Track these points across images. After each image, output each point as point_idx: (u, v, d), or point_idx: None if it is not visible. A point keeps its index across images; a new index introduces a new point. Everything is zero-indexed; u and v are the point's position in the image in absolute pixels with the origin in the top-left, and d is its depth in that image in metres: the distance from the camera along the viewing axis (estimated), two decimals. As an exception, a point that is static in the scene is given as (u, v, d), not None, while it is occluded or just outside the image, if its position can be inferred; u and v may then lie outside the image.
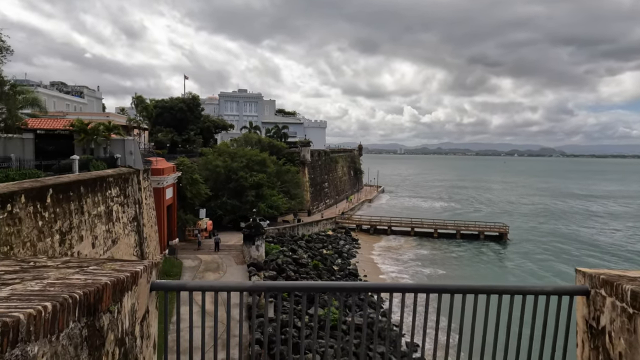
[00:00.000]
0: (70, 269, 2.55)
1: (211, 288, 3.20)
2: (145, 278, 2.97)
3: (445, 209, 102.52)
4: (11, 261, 3.07)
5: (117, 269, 2.71)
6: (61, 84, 79.57)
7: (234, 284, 3.25)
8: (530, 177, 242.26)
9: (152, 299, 3.21)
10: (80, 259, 3.20)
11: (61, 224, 18.35)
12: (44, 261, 3.04)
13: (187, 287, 3.18)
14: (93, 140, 29.61)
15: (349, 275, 43.57)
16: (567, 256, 58.18)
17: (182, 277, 32.84)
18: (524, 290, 3.26)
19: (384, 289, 3.41)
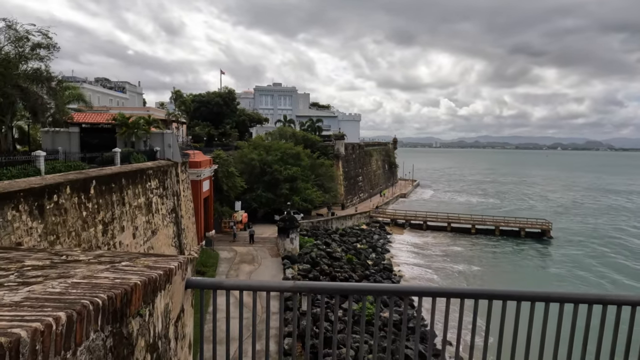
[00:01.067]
0: (100, 265, 2.36)
1: (249, 287, 2.97)
2: (180, 275, 2.76)
3: (483, 204, 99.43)
4: (44, 254, 2.94)
5: (151, 266, 2.50)
6: (105, 80, 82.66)
7: (273, 284, 2.99)
8: (574, 171, 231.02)
9: (187, 297, 3.01)
10: (114, 253, 3.03)
11: (104, 214, 18.92)
12: (76, 255, 2.89)
13: (224, 286, 2.95)
14: (134, 133, 30.44)
15: (384, 270, 43.00)
16: (618, 258, 55.04)
17: (218, 268, 33.42)
18: (605, 299, 2.82)
19: (430, 292, 3.06)
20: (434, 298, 3.05)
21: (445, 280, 43.89)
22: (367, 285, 3.06)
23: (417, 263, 49.97)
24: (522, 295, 2.90)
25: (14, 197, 12.98)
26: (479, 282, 43.60)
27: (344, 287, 3.05)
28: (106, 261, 2.57)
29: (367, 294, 3.01)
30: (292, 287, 2.95)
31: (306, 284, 2.99)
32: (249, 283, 2.97)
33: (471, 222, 67.50)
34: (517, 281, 44.31)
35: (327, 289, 3.02)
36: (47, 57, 25.73)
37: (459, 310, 3.10)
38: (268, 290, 2.96)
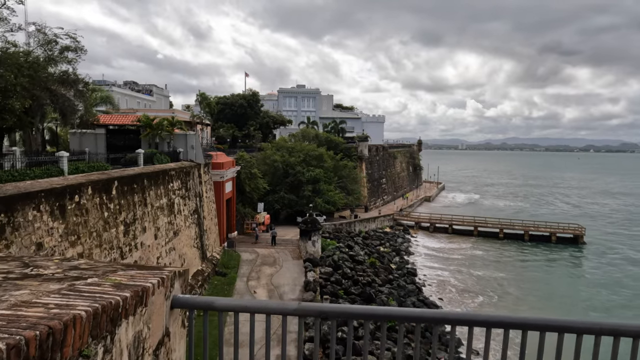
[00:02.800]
0: (57, 284, 1.94)
1: (246, 309, 2.49)
2: (161, 294, 2.30)
3: (512, 208, 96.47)
4: (14, 264, 2.54)
5: (121, 284, 2.06)
6: (133, 83, 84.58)
7: (274, 305, 2.51)
8: (608, 174, 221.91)
9: (174, 318, 2.55)
10: (92, 265, 2.62)
11: (125, 215, 18.95)
12: (44, 264, 2.48)
13: (215, 306, 2.48)
14: (158, 134, 30.70)
15: (407, 275, 42.03)
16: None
17: (239, 269, 33.30)
18: None
19: (476, 321, 2.45)
20: (471, 328, 2.47)
21: (472, 287, 42.53)
22: (386, 310, 2.51)
23: (441, 267, 48.69)
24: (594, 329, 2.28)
25: (35, 197, 13.01)
26: (508, 291, 42.04)
27: (358, 311, 2.53)
28: (71, 277, 2.14)
29: (386, 319, 2.47)
30: (297, 309, 2.46)
31: (313, 307, 2.49)
32: (245, 304, 2.49)
33: (499, 226, 65.43)
34: (549, 290, 42.50)
35: (340, 313, 2.51)
36: (74, 60, 26.22)
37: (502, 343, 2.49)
38: (268, 312, 2.48)
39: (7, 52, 22.95)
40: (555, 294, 40.64)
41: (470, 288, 42.02)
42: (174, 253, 24.93)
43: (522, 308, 37.33)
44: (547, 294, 40.90)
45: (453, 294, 40.03)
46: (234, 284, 30.31)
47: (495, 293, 40.78)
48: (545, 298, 39.56)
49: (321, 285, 31.36)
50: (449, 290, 41.15)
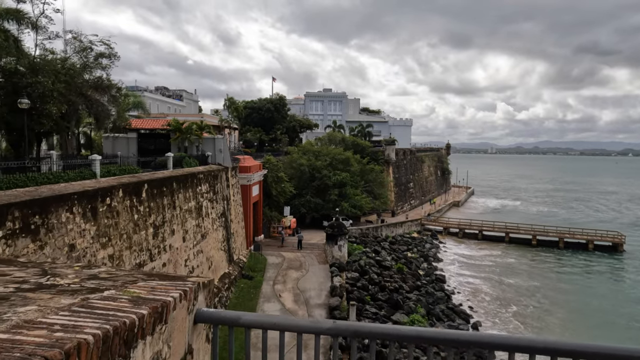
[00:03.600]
0: (70, 297, 1.76)
1: (275, 326, 2.25)
2: (183, 308, 2.10)
3: (545, 214, 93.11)
4: (33, 270, 2.40)
5: (140, 299, 1.86)
6: (164, 88, 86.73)
7: (307, 324, 2.26)
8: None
9: (198, 333, 2.34)
10: (114, 272, 2.45)
11: (155, 217, 19.20)
12: (63, 272, 2.32)
13: (242, 322, 2.26)
14: (187, 138, 31.17)
15: (436, 282, 41.03)
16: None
17: (265, 273, 33.31)
18: None
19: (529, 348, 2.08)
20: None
21: (504, 296, 41.10)
22: (435, 332, 2.20)
23: (472, 275, 47.34)
24: None
25: (69, 199, 13.29)
26: (541, 301, 40.39)
27: (400, 332, 2.24)
28: (87, 289, 1.97)
29: (433, 343, 2.17)
30: (331, 328, 2.20)
31: (351, 326, 2.22)
32: (274, 320, 2.26)
33: (532, 232, 63.20)
34: (586, 303, 40.56)
35: (379, 334, 2.23)
36: (108, 66, 26.99)
37: None
38: (299, 331, 2.23)
39: (45, 59, 23.84)
40: (593, 308, 38.73)
41: (502, 297, 40.62)
42: (202, 256, 25.14)
43: (554, 321, 35.77)
44: (584, 307, 39.05)
45: (484, 303, 38.79)
46: (260, 287, 30.32)
47: (529, 303, 39.26)
48: (582, 312, 37.75)
49: (347, 291, 30.97)
50: (480, 298, 39.90)
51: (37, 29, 23.09)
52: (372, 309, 28.99)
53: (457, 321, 31.76)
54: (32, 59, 22.73)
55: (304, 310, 26.94)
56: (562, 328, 33.90)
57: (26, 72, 21.50)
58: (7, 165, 14.40)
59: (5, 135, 25.57)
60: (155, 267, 18.92)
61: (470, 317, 33.90)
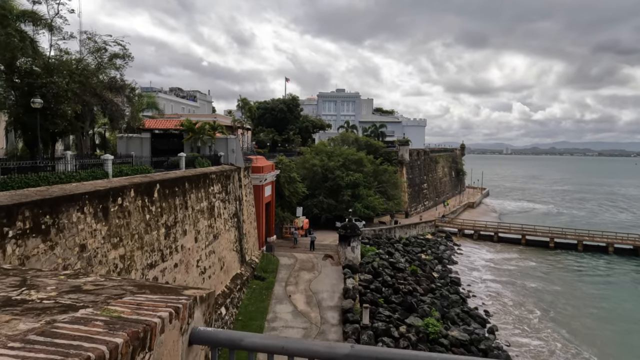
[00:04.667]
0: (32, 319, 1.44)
1: (283, 350, 1.91)
2: (175, 329, 1.78)
3: (563, 216, 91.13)
4: (12, 279, 2.12)
5: (119, 320, 1.54)
6: (178, 89, 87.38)
7: (321, 348, 1.91)
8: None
9: (194, 355, 2.02)
10: (102, 282, 2.14)
11: (167, 218, 19.08)
12: (44, 282, 2.03)
13: (244, 345, 1.93)
14: (199, 138, 31.13)
15: (450, 284, 40.29)
16: None
17: (278, 274, 33.07)
18: None
19: None
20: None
21: (521, 300, 40.14)
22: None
23: (487, 278, 46.41)
24: None
25: (80, 199, 13.19)
26: (561, 307, 39.33)
27: (414, 357, 1.87)
28: (60, 305, 1.66)
29: None
30: (350, 354, 1.86)
31: (372, 352, 1.87)
32: (282, 343, 1.92)
33: (549, 235, 61.80)
34: (609, 309, 39.39)
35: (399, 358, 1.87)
36: (122, 66, 27.05)
37: None
38: (311, 356, 1.89)
39: (60, 60, 23.98)
40: (616, 315, 37.54)
41: (520, 301, 39.69)
42: (214, 256, 24.99)
43: (577, 327, 34.74)
44: (607, 313, 37.88)
45: (501, 307, 37.92)
46: (272, 288, 30.09)
47: (550, 308, 38.25)
48: (605, 319, 36.61)
49: (360, 293, 30.54)
50: (497, 302, 39.03)
51: (52, 29, 23.22)
52: (386, 312, 28.50)
53: (472, 325, 31.05)
54: (47, 60, 22.86)
55: (317, 313, 26.61)
56: (586, 335, 32.89)
57: (41, 73, 21.63)
58: (19, 165, 14.39)
59: (22, 136, 25.83)
60: (167, 267, 18.81)
61: (487, 322, 33.13)
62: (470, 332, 28.88)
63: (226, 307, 24.71)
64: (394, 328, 26.31)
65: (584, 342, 31.43)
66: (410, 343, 25.02)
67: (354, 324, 24.98)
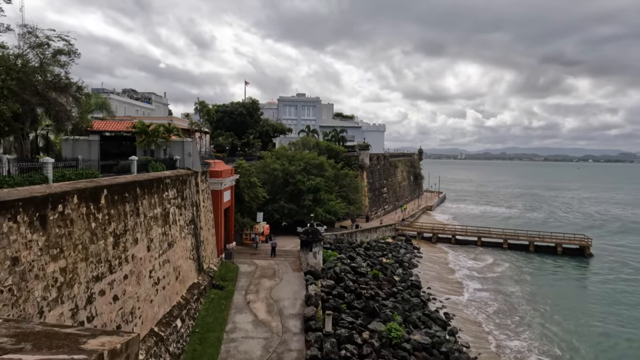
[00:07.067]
0: None
1: None
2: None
3: (515, 218, 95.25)
4: None
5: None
6: (132, 91, 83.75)
7: None
8: (610, 184, 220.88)
9: None
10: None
11: (115, 226, 17.70)
12: None
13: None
14: (153, 141, 29.56)
15: (412, 287, 40.58)
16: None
17: (237, 282, 31.92)
18: None
19: None
20: None
21: (479, 300, 41.09)
22: None
23: (446, 279, 47.28)
24: None
25: (12, 206, 11.79)
26: (517, 305, 40.59)
27: None
28: None
29: None
30: None
31: None
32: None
33: (503, 236, 64.19)
34: (556, 307, 41.07)
35: None
36: (67, 64, 25.18)
37: None
38: None
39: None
40: (562, 312, 39.19)
41: (478, 301, 40.60)
42: (168, 265, 23.61)
43: (534, 325, 35.90)
44: (554, 311, 39.45)
45: (460, 308, 38.59)
46: (232, 297, 28.94)
47: (506, 308, 39.36)
48: (551, 319, 38.08)
49: (323, 299, 29.98)
50: (457, 303, 39.69)
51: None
52: (349, 318, 28.07)
53: (434, 328, 31.25)
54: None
55: (278, 321, 25.77)
56: (543, 331, 33.97)
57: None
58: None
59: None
60: (116, 279, 17.41)
61: (448, 325, 33.50)
62: (431, 335, 29.01)
63: (182, 319, 23.38)
64: (357, 334, 25.92)
65: (541, 339, 32.45)
66: (373, 349, 24.68)
67: (316, 331, 24.35)
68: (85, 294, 15.15)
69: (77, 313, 14.56)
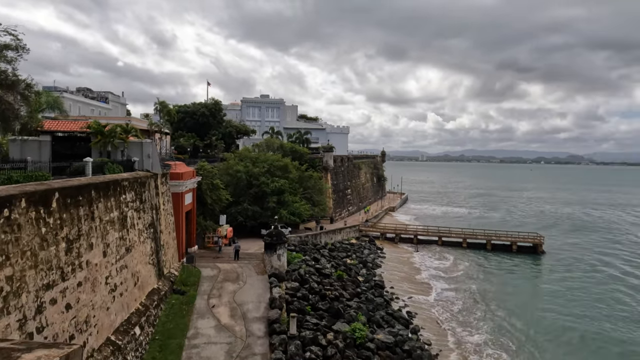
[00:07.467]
0: None
1: None
2: None
3: (474, 218, 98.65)
4: None
5: None
6: (87, 89, 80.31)
7: None
8: (561, 185, 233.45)
9: None
10: None
11: (68, 230, 16.84)
12: None
13: None
14: (110, 142, 28.41)
15: (375, 287, 41.15)
16: (609, 273, 54.30)
17: (199, 287, 31.20)
18: None
19: None
20: None
21: (441, 299, 42.19)
22: None
23: (409, 279, 48.27)
24: None
25: (-49, 211, 10.96)
26: (474, 300, 42.00)
27: None
28: None
29: None
30: None
31: None
32: None
33: (462, 235, 66.35)
34: (510, 303, 42.85)
35: None
36: (15, 60, 23.77)
37: None
38: None
39: None
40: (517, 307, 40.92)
41: (444, 300, 41.68)
42: (126, 271, 22.72)
43: (494, 319, 37.24)
44: (511, 307, 41.16)
45: (424, 307, 39.47)
46: (194, 302, 28.24)
47: (465, 305, 40.64)
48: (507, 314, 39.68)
49: (287, 302, 29.82)
50: (421, 302, 40.55)
51: None
52: (313, 320, 28.06)
53: (397, 327, 31.79)
54: None
55: (242, 325, 25.38)
56: (502, 327, 35.27)
57: None
58: None
59: None
60: (68, 287, 16.55)
61: (410, 323, 34.18)
62: (395, 334, 29.50)
63: (141, 326, 22.56)
64: (321, 336, 25.94)
65: (498, 333, 33.71)
66: (337, 350, 24.79)
67: (281, 334, 24.17)
68: (34, 303, 14.31)
69: (25, 324, 13.72)
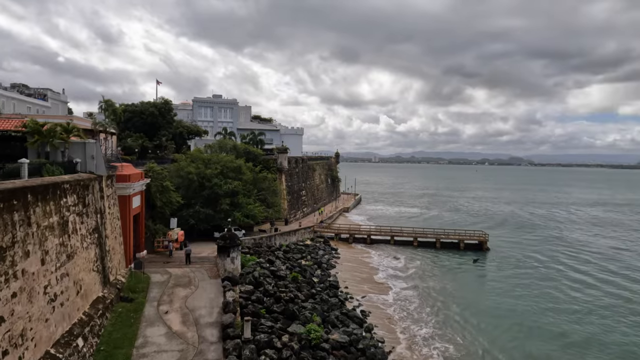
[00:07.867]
0: None
1: None
2: None
3: (424, 217, 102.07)
4: None
5: None
6: (23, 86, 74.96)
7: None
8: (503, 185, 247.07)
9: None
10: None
11: (1, 237, 15.60)
12: None
13: None
14: (49, 142, 26.63)
15: (330, 288, 41.45)
16: (548, 266, 57.98)
17: (149, 293, 29.97)
18: None
19: None
20: None
21: (393, 298, 43.20)
22: None
23: (363, 278, 49.06)
24: None
25: None
26: (426, 297, 43.38)
27: None
28: None
29: None
30: None
31: None
32: None
33: (413, 234, 68.40)
34: (459, 300, 44.64)
35: None
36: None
37: None
38: None
39: None
40: (465, 302, 42.73)
41: (394, 298, 42.67)
42: (67, 279, 21.37)
43: (446, 315, 38.60)
44: (459, 302, 42.89)
45: (378, 305, 40.22)
46: (142, 310, 27.08)
47: (419, 302, 41.86)
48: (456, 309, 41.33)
49: (241, 305, 29.33)
50: (375, 301, 41.29)
51: None
52: (268, 323, 27.78)
53: (351, 326, 32.18)
54: None
55: (194, 332, 24.65)
56: (454, 323, 36.61)
57: None
58: None
59: None
60: (1, 298, 15.32)
61: (364, 322, 34.72)
62: (349, 334, 29.85)
63: (84, 337, 21.30)
64: (276, 338, 25.75)
65: (446, 327, 35.03)
66: (293, 352, 24.71)
67: (235, 339, 23.70)
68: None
69: (-50, 341, 12.54)
